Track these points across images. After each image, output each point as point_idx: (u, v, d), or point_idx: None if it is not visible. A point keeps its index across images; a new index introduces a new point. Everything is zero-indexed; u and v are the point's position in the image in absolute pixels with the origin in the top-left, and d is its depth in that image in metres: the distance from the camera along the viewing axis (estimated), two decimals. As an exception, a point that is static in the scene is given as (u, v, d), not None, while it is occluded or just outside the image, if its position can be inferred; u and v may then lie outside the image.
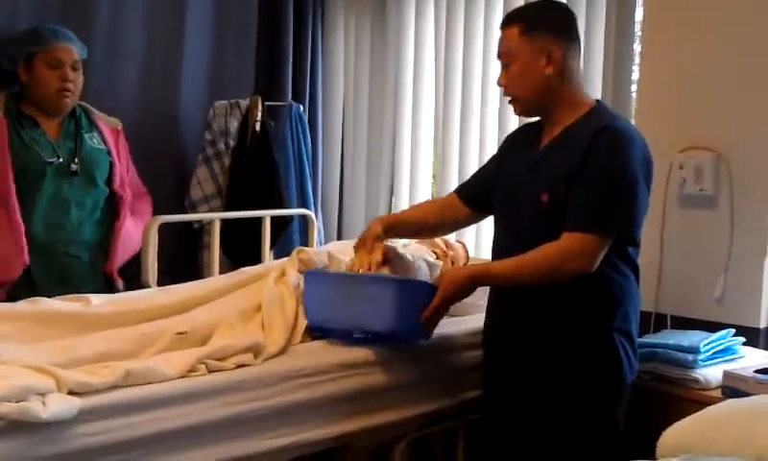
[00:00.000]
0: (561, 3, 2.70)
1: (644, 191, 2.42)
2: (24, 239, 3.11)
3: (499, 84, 2.55)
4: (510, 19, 2.50)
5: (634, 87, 3.50)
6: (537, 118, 2.65)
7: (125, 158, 3.45)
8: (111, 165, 3.35)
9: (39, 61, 3.19)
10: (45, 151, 3.17)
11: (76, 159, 3.22)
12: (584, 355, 2.45)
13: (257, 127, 4.11)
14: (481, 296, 3.06)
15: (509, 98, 2.56)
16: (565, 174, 2.39)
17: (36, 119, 3.21)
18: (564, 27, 2.50)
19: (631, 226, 2.43)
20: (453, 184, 4.20)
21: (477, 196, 2.78)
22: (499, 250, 2.59)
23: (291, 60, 4.53)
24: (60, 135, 3.24)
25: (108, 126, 3.39)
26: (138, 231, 3.34)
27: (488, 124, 4.08)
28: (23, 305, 2.62)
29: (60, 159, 3.19)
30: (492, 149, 4.06)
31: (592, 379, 2.45)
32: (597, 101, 2.59)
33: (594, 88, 3.56)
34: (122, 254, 3.38)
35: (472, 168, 4.14)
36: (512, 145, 2.73)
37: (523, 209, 2.50)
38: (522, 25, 2.45)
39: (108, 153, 3.35)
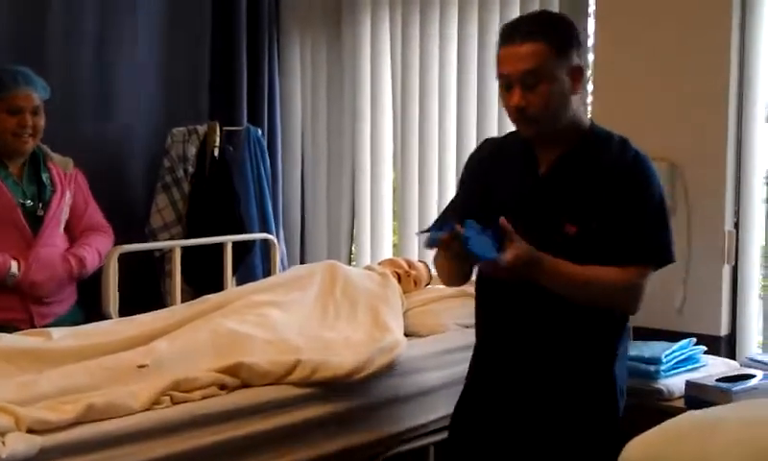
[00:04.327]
0: (563, 15, 2.55)
1: None
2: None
3: (515, 104, 2.24)
4: (532, 34, 2.21)
5: (588, 99, 3.53)
6: (501, 135, 2.60)
7: (80, 198, 3.37)
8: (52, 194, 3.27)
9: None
10: (15, 192, 3.15)
11: (41, 205, 3.20)
12: (588, 390, 2.34)
13: (216, 152, 4.10)
14: (451, 316, 3.09)
15: (520, 119, 2.27)
16: (598, 206, 2.26)
17: (3, 160, 3.18)
18: (580, 42, 2.32)
19: (671, 255, 2.33)
20: (414, 202, 4.22)
21: None
22: (494, 283, 2.35)
23: (246, 83, 4.51)
24: (23, 178, 3.21)
25: (60, 167, 3.32)
26: (60, 260, 3.24)
27: (447, 141, 4.11)
28: (-19, 342, 2.59)
29: (31, 202, 3.17)
30: (450, 166, 4.09)
31: (596, 415, 2.35)
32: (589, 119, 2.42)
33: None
34: (39, 274, 3.19)
35: (433, 185, 4.16)
36: (492, 168, 2.45)
37: (538, 241, 2.24)
38: (551, 42, 2.21)
39: (53, 192, 3.28)
